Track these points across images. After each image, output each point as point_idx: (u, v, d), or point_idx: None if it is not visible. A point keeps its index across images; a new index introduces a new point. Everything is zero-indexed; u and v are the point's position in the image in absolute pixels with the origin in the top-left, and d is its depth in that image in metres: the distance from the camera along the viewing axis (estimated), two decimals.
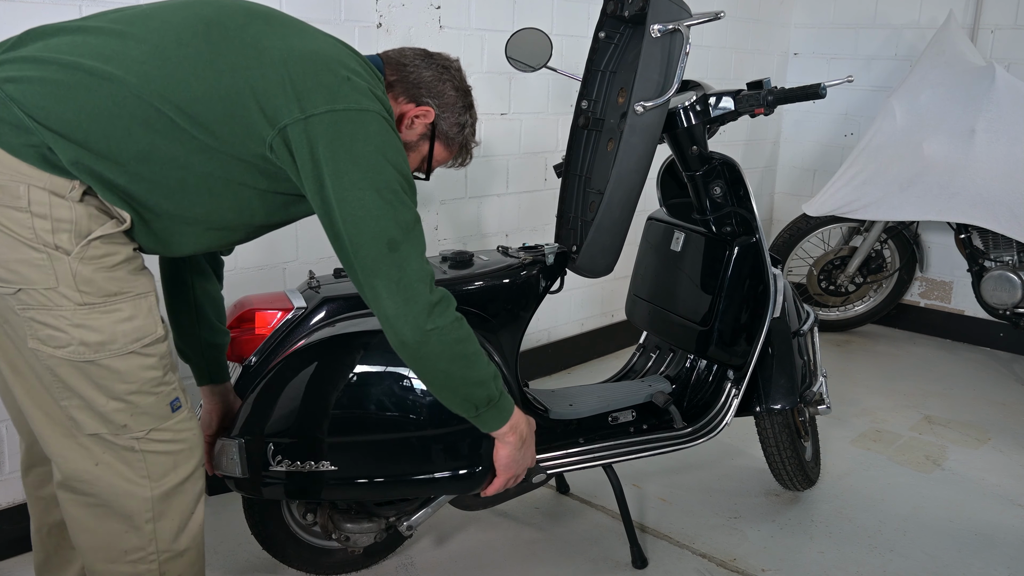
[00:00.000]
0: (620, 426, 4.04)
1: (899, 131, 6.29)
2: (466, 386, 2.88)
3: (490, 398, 2.95)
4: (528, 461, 3.27)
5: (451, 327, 2.75)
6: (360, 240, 2.57)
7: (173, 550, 2.70)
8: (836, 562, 4.09)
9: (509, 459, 3.18)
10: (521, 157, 5.78)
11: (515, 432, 3.12)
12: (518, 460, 3.21)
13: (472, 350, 2.84)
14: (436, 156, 3.10)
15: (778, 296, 3.98)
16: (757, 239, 3.93)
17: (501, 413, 3.03)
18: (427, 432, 3.29)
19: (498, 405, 3.00)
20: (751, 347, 3.97)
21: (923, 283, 7.48)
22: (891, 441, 5.37)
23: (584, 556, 4.09)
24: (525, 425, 3.18)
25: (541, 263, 3.78)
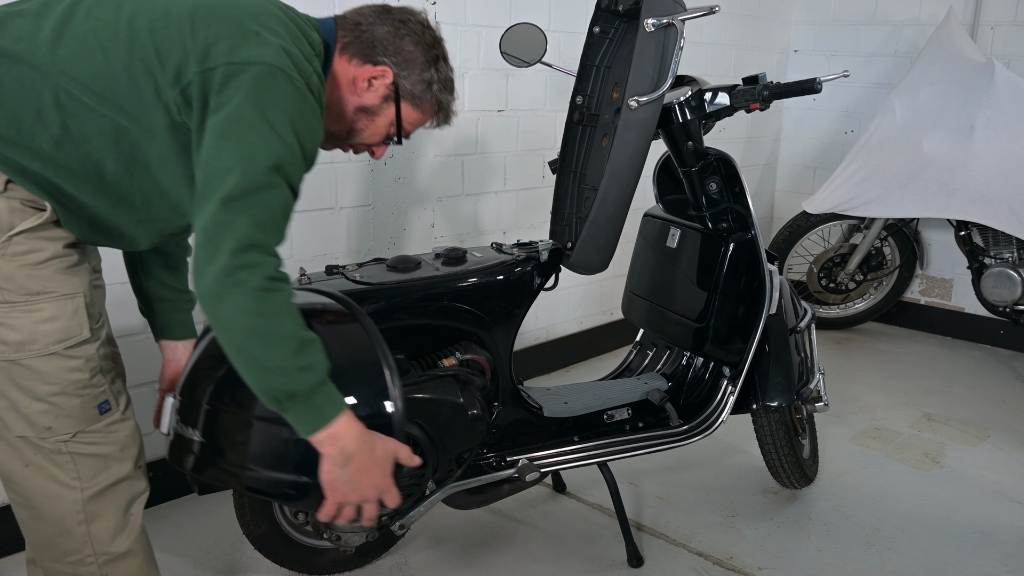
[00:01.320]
0: (615, 424, 4.02)
1: (899, 128, 6.28)
2: (263, 369, 2.41)
3: (293, 392, 2.43)
4: (367, 489, 2.69)
5: (254, 294, 2.33)
6: (207, 187, 2.35)
7: (111, 553, 2.65)
8: (833, 560, 4.06)
9: (331, 477, 2.63)
10: (518, 154, 5.76)
11: (334, 444, 2.56)
12: (344, 481, 2.64)
13: (276, 329, 2.38)
14: (406, 119, 2.85)
15: (774, 293, 3.96)
16: (753, 235, 3.90)
17: (314, 415, 2.52)
18: (260, 421, 2.83)
19: (308, 403, 2.49)
20: (747, 344, 3.95)
21: (923, 280, 7.46)
22: (890, 439, 5.34)
23: (580, 555, 4.07)
24: (356, 441, 2.60)
25: (535, 260, 3.75)
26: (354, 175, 4.84)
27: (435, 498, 3.56)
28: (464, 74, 5.30)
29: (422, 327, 3.56)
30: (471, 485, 3.67)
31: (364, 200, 4.91)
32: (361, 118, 2.80)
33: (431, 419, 3.39)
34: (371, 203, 4.93)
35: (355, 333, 2.99)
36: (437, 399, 3.40)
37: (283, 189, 2.42)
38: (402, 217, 5.13)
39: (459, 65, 5.11)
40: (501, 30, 4.10)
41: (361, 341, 2.97)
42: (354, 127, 2.83)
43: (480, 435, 3.52)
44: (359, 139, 2.87)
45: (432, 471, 3.45)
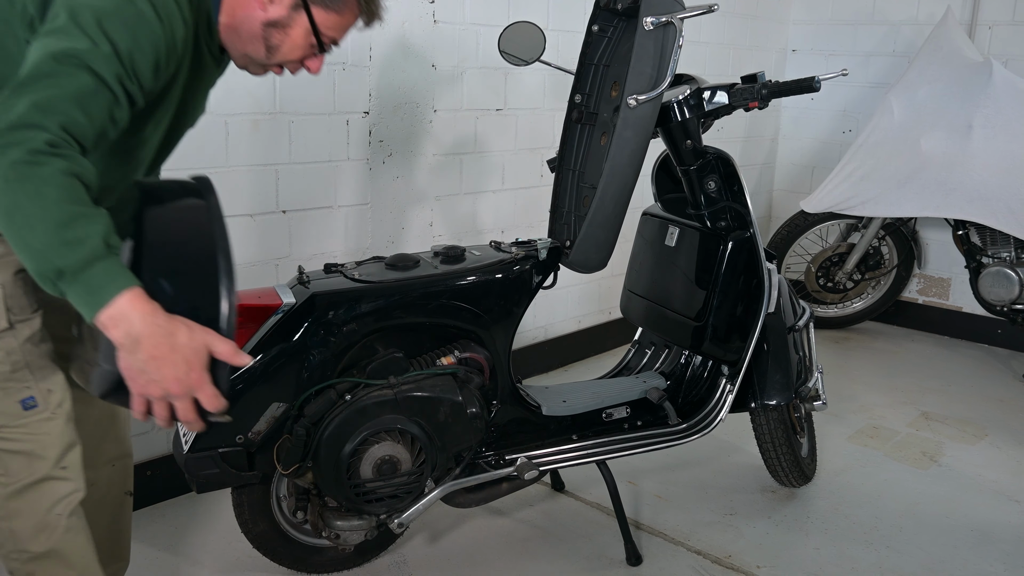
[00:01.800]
0: (614, 422, 4.02)
1: (897, 127, 6.28)
2: (27, 248, 2.09)
3: (60, 269, 2.08)
4: (168, 382, 2.23)
5: (13, 168, 2.05)
6: (15, 76, 2.18)
7: (32, 552, 2.59)
8: (832, 558, 4.06)
9: (124, 364, 2.22)
10: (517, 153, 5.76)
11: (118, 326, 2.14)
12: (138, 370, 2.21)
13: (38, 202, 2.06)
14: (323, 25, 2.57)
15: (772, 291, 3.96)
16: (751, 234, 3.91)
17: (90, 294, 2.12)
18: None
19: (80, 281, 2.10)
20: (746, 343, 3.95)
21: (921, 280, 7.46)
22: (888, 437, 5.35)
23: (578, 553, 4.06)
24: (142, 322, 2.16)
25: (534, 258, 3.75)
26: (352, 173, 4.84)
27: (434, 496, 3.57)
28: (462, 73, 5.30)
29: (421, 325, 3.58)
30: (470, 483, 3.68)
31: (362, 199, 4.91)
32: (273, 34, 2.54)
33: (430, 417, 3.42)
34: (369, 202, 4.93)
35: (192, 213, 2.50)
36: (436, 397, 3.43)
37: (80, 78, 2.17)
38: (400, 216, 5.13)
39: (457, 64, 5.16)
40: (499, 29, 4.10)
41: (196, 222, 2.47)
42: (270, 44, 2.56)
43: (479, 433, 3.54)
44: (280, 57, 2.61)
45: (431, 469, 3.47)
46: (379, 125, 4.92)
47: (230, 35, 2.56)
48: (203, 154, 4.18)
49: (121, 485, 3.09)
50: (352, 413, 3.34)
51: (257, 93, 4.33)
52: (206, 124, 4.11)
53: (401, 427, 3.39)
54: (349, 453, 3.35)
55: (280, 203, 4.60)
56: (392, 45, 4.85)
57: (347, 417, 3.34)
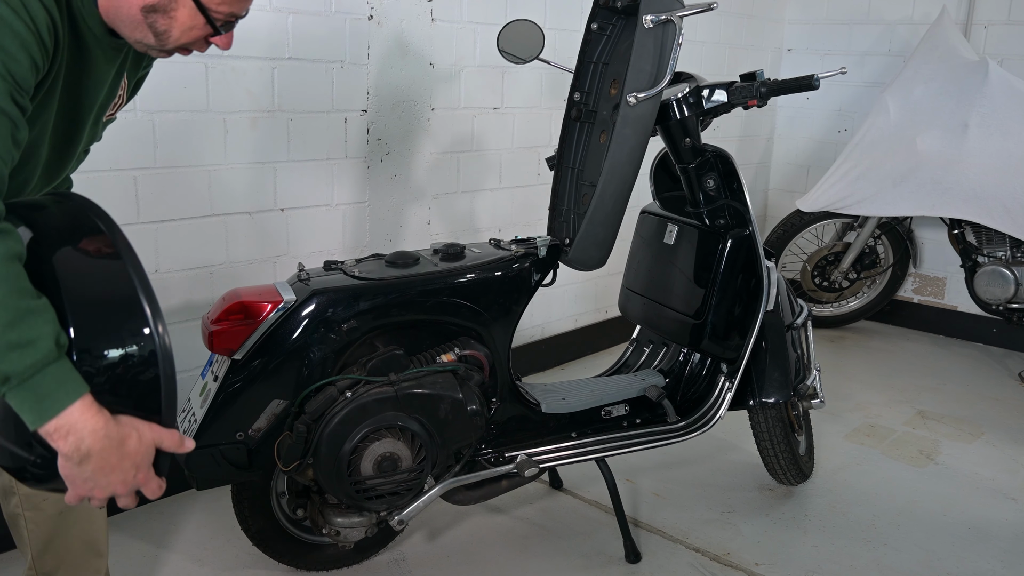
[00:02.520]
0: (613, 420, 4.03)
1: (893, 126, 6.29)
2: None
3: (7, 375, 1.88)
4: (114, 486, 2.07)
5: None
6: None
7: None
8: (830, 556, 4.07)
9: (66, 472, 2.02)
10: (514, 151, 5.76)
11: (67, 439, 1.96)
12: (84, 479, 2.04)
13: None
14: (210, 3, 2.25)
15: (771, 289, 3.97)
16: (750, 231, 3.91)
17: (39, 403, 1.92)
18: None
19: (29, 388, 1.90)
20: (744, 340, 3.96)
21: (916, 279, 7.48)
22: (885, 436, 5.36)
23: (577, 551, 4.07)
24: (94, 437, 1.98)
25: (533, 256, 3.76)
26: (350, 172, 4.84)
27: (433, 494, 3.57)
28: (460, 71, 5.30)
29: (421, 323, 3.57)
30: (469, 481, 3.68)
31: (360, 197, 4.90)
32: (157, 19, 2.24)
33: (430, 414, 3.42)
34: (367, 200, 4.93)
35: (107, 271, 2.15)
36: (436, 394, 3.43)
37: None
38: (398, 214, 5.13)
39: (455, 62, 5.16)
40: (497, 27, 4.11)
41: (116, 282, 2.12)
42: (156, 30, 2.26)
43: (479, 431, 3.53)
44: (173, 42, 2.30)
45: (431, 466, 3.46)
46: (377, 123, 4.92)
47: (113, 20, 2.27)
48: (201, 152, 4.18)
49: None
50: (353, 410, 3.33)
51: (255, 91, 4.34)
52: (205, 122, 4.15)
53: (402, 424, 3.39)
54: (350, 450, 3.34)
55: (278, 201, 4.59)
56: (390, 43, 4.85)
57: (348, 414, 3.33)
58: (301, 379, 3.35)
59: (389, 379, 3.40)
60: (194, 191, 4.17)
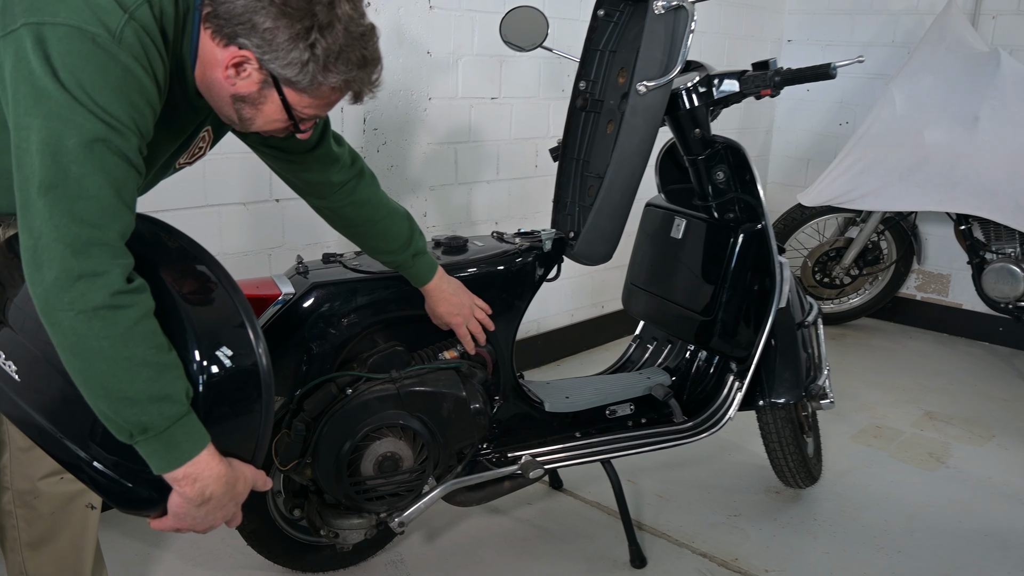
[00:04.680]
0: (618, 420, 3.93)
1: (899, 119, 6.16)
2: (109, 398, 2.06)
3: (146, 426, 2.08)
4: (216, 521, 2.33)
5: (96, 314, 1.99)
6: (21, 175, 2.01)
7: None
8: (842, 563, 3.95)
9: (181, 511, 2.25)
10: (511, 143, 5.65)
11: (193, 485, 2.19)
12: (195, 517, 2.27)
13: (125, 355, 2.03)
14: (297, 105, 2.31)
15: (784, 286, 3.85)
16: (763, 225, 3.80)
17: (170, 452, 2.14)
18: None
19: (163, 439, 2.12)
20: (755, 338, 3.84)
21: (920, 276, 7.36)
22: (892, 437, 5.24)
23: (580, 554, 3.95)
24: (217, 483, 2.23)
25: (538, 249, 3.66)
26: None
27: (435, 495, 3.46)
28: (458, 60, 5.18)
29: (422, 317, 3.45)
30: (472, 482, 3.56)
31: None
32: (243, 107, 2.32)
33: (432, 413, 3.32)
34: None
35: (220, 311, 2.38)
36: (439, 392, 3.33)
37: (111, 163, 2.04)
38: None
39: (452, 51, 5.05)
40: (495, 15, 4.01)
41: (231, 331, 2.36)
42: (242, 115, 2.34)
43: (482, 430, 3.44)
44: (256, 128, 2.39)
45: (433, 466, 3.36)
46: (373, 112, 4.80)
47: (204, 91, 2.35)
48: None
49: (78, 498, 2.85)
50: (353, 408, 3.22)
51: None
52: None
53: (403, 423, 3.28)
54: (350, 449, 3.23)
55: (274, 191, 4.49)
56: (387, 31, 4.72)
57: (348, 412, 3.22)
58: (300, 375, 3.26)
59: (391, 376, 3.29)
60: (187, 180, 4.03)
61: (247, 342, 2.36)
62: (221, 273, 2.42)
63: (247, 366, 2.34)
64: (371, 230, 3.17)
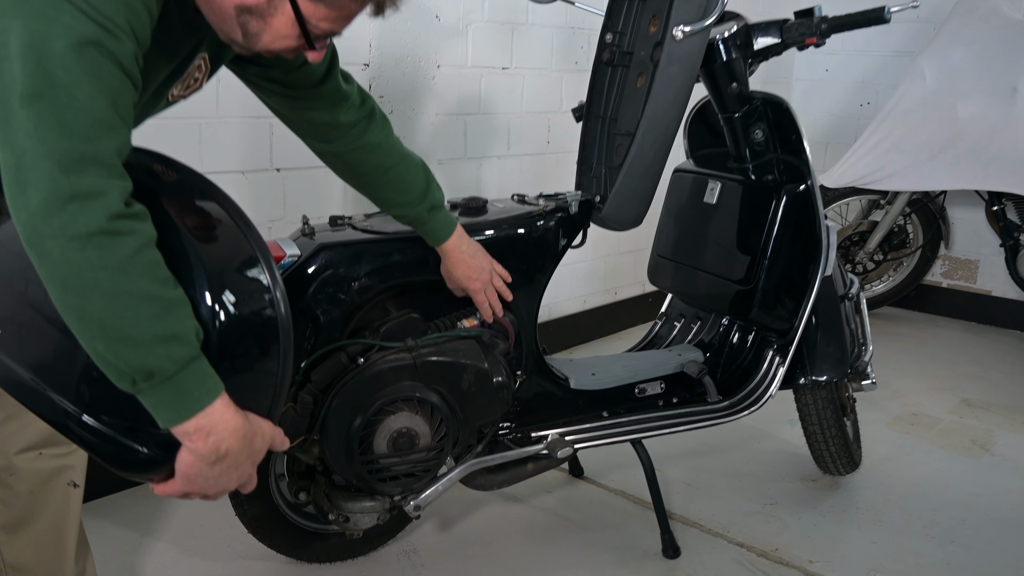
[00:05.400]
0: (647, 399, 3.67)
1: (929, 93, 5.86)
2: (108, 339, 1.76)
3: (152, 371, 1.78)
4: (231, 483, 2.03)
5: (91, 241, 1.70)
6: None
7: None
8: (892, 553, 3.66)
9: (191, 471, 1.94)
10: (523, 116, 5.40)
11: (207, 439, 1.89)
12: (208, 478, 1.96)
13: (127, 288, 1.74)
14: (313, 16, 2.02)
15: (831, 252, 3.57)
16: (808, 185, 3.52)
17: (179, 402, 1.85)
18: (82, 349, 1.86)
19: (171, 386, 1.82)
20: (799, 309, 3.56)
21: (946, 262, 7.06)
22: (930, 425, 4.95)
23: (607, 544, 3.66)
24: (233, 437, 1.93)
25: (564, 211, 3.37)
26: None
27: (453, 476, 3.17)
28: (467, 26, 4.93)
29: (439, 284, 3.16)
30: (494, 462, 3.27)
31: None
32: (249, 20, 2.01)
33: (452, 386, 3.03)
34: None
35: (233, 250, 2.09)
36: (459, 363, 3.04)
37: (106, 69, 1.76)
38: None
39: (462, 16, 4.87)
40: None
41: (245, 272, 2.08)
42: (247, 30, 2.03)
43: (505, 405, 3.15)
44: (262, 46, 2.07)
45: (452, 445, 3.06)
46: (380, 79, 4.55)
47: (203, 5, 2.03)
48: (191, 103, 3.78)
49: (59, 475, 2.57)
50: (365, 379, 2.92)
51: None
52: None
53: (420, 396, 2.98)
54: (361, 425, 2.93)
55: (274, 160, 4.23)
56: None
57: (359, 384, 2.92)
58: (306, 344, 2.94)
59: (406, 345, 3.00)
60: (183, 146, 3.80)
61: (263, 284, 2.07)
62: (233, 209, 2.13)
63: (263, 310, 2.06)
64: (383, 179, 2.91)
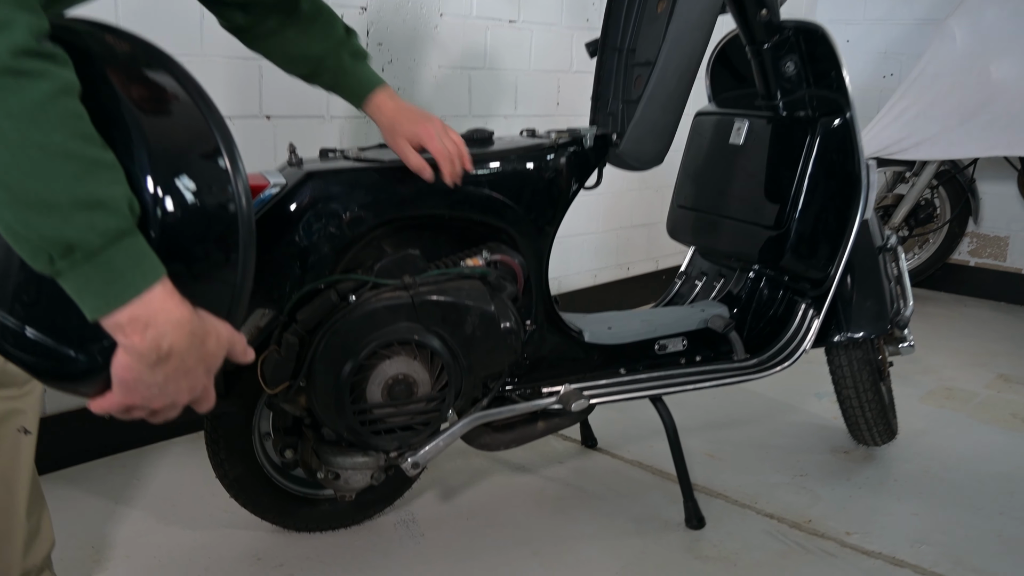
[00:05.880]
0: (668, 356, 3.38)
1: (960, 56, 5.56)
2: (15, 204, 1.38)
3: (72, 244, 1.40)
4: (180, 394, 1.60)
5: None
6: None
7: None
8: (937, 525, 3.35)
9: (129, 375, 1.52)
10: (531, 74, 5.13)
11: (143, 333, 1.48)
12: (151, 384, 1.54)
13: (40, 139, 1.37)
14: None
15: (871, 192, 3.27)
16: (848, 118, 3.21)
17: (108, 284, 1.45)
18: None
19: (97, 264, 1.43)
20: (836, 255, 3.26)
21: (973, 240, 6.76)
22: (967, 399, 4.64)
23: (624, 514, 3.35)
24: (179, 333, 1.52)
25: (578, 145, 3.06)
26: None
27: (455, 430, 2.87)
28: None
29: (440, 221, 2.89)
30: (501, 416, 2.97)
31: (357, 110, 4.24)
32: None
33: (454, 329, 2.72)
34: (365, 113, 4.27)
35: (188, 129, 1.72)
36: (462, 304, 2.73)
37: None
38: None
39: None
40: None
41: (195, 133, 1.71)
42: None
43: (513, 354, 2.83)
44: None
45: (454, 396, 2.74)
46: (378, 24, 4.28)
47: None
48: (173, 39, 3.52)
49: (6, 421, 2.25)
50: (357, 319, 2.62)
51: None
52: (178, 5, 3.60)
53: (419, 339, 2.67)
54: (353, 370, 2.62)
55: (264, 107, 3.95)
56: None
57: (351, 324, 2.61)
58: (293, 283, 2.64)
59: (403, 282, 2.69)
60: None
61: (220, 170, 1.69)
62: (193, 87, 1.76)
63: (220, 202, 1.67)
64: (289, 30, 2.63)
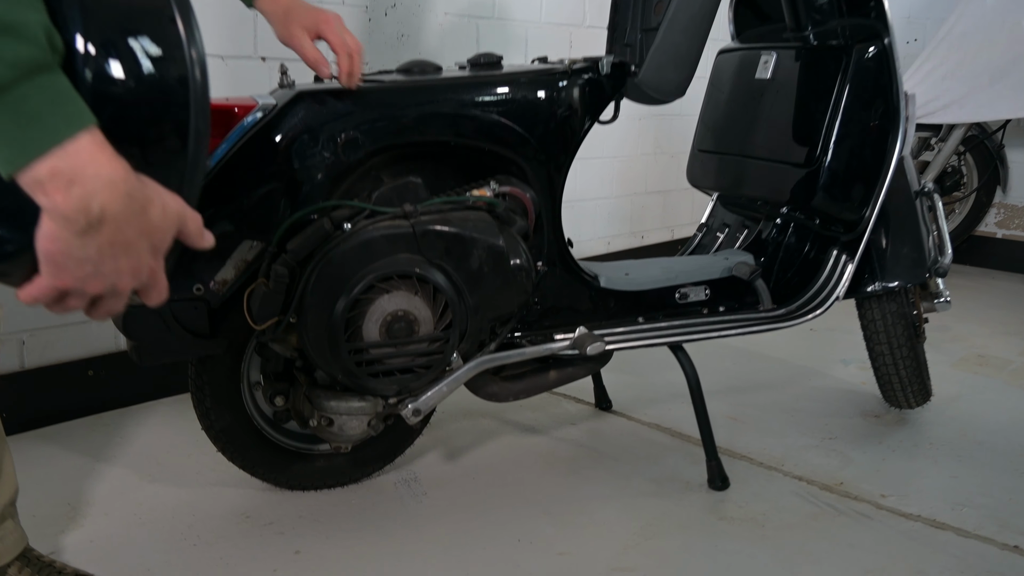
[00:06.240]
0: (689, 305, 3.17)
1: (990, 11, 5.33)
2: None
3: None
4: (121, 276, 1.32)
5: None
6: None
7: None
8: (978, 488, 3.11)
9: (55, 247, 1.23)
10: (542, 27, 4.92)
11: (68, 190, 1.19)
12: (82, 259, 1.26)
13: None
14: None
15: (910, 125, 3.04)
16: (887, 44, 2.98)
17: (22, 129, 1.17)
18: None
19: (8, 102, 1.15)
20: (871, 194, 3.03)
21: (1001, 211, 6.54)
22: (1001, 366, 4.42)
23: (643, 475, 3.12)
24: (112, 193, 1.23)
25: (593, 72, 2.83)
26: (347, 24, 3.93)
27: (459, 375, 2.64)
28: None
29: (443, 149, 2.66)
30: (510, 359, 2.73)
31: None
32: None
33: (459, 263, 2.49)
34: (367, 61, 4.05)
35: None
36: (468, 236, 2.51)
37: None
38: None
39: None
40: None
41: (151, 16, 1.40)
42: None
43: (523, 294, 2.62)
44: None
45: (459, 337, 2.51)
46: None
47: None
48: None
49: None
50: (353, 249, 2.40)
51: None
52: None
53: (420, 273, 2.45)
54: (348, 305, 2.41)
55: (259, 48, 3.75)
56: None
57: (346, 254, 2.40)
58: (283, 212, 2.43)
59: (403, 210, 2.47)
60: None
61: (173, 33, 1.40)
62: None
63: (168, 65, 1.38)
64: None
